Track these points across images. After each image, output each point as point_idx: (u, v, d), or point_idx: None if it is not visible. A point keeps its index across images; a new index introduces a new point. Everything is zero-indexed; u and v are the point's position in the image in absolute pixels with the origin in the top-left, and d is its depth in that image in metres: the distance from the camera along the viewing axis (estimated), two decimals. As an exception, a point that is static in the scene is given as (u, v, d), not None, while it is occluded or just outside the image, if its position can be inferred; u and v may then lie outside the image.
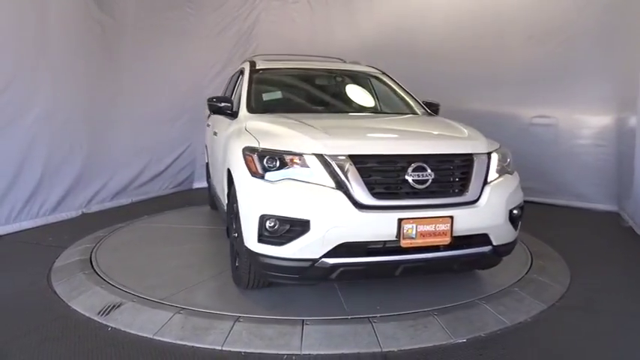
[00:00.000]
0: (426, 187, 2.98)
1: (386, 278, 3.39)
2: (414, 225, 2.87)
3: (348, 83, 4.92)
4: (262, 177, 2.97)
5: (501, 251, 3.26)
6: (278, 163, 2.96)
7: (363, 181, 2.89)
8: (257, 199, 2.98)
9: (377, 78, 4.84)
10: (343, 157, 2.91)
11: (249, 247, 3.03)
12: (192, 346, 2.79)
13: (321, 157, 2.93)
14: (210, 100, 4.18)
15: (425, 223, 2.89)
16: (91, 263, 4.01)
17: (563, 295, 3.51)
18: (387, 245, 2.90)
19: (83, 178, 5.73)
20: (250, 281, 3.34)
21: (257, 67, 4.64)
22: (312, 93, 4.83)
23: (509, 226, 3.22)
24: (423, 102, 4.50)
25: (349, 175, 2.88)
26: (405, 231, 2.86)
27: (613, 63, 5.95)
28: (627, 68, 5.69)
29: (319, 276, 2.96)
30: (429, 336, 2.89)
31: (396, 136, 3.68)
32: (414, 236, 2.87)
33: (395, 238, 2.87)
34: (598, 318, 3.20)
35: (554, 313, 3.26)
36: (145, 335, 2.90)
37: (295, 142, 3.07)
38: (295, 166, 2.94)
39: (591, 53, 6.13)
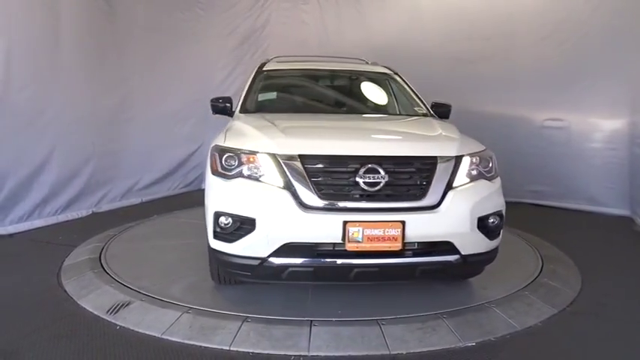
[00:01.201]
0: (379, 190, 2.89)
1: (341, 282, 3.28)
2: (361, 228, 2.80)
3: (350, 84, 4.90)
4: (220, 175, 3.05)
5: (473, 261, 3.09)
6: (236, 162, 3.02)
7: (312, 181, 2.87)
8: (213, 196, 3.06)
9: (385, 79, 4.80)
10: (293, 157, 2.92)
11: (209, 242, 3.11)
12: (200, 346, 2.79)
13: (273, 156, 2.96)
14: (213, 100, 4.27)
15: (373, 227, 2.81)
16: (101, 262, 4.03)
17: (574, 300, 3.47)
18: (334, 248, 2.87)
19: (94, 178, 5.76)
20: (220, 277, 3.42)
21: (263, 69, 4.73)
22: (310, 93, 4.84)
23: (480, 235, 3.02)
24: (433, 103, 4.41)
25: (297, 175, 2.88)
26: (350, 234, 2.80)
27: (626, 65, 5.90)
28: (640, 71, 5.64)
29: (269, 275, 3.01)
30: (438, 339, 2.87)
31: (354, 136, 3.45)
32: (360, 240, 2.80)
33: (340, 241, 2.82)
34: (609, 324, 3.16)
35: (564, 317, 3.22)
36: (153, 334, 2.91)
37: (253, 141, 3.13)
38: (250, 164, 2.99)
39: (604, 55, 6.07)
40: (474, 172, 3.12)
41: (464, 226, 2.95)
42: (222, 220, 2.96)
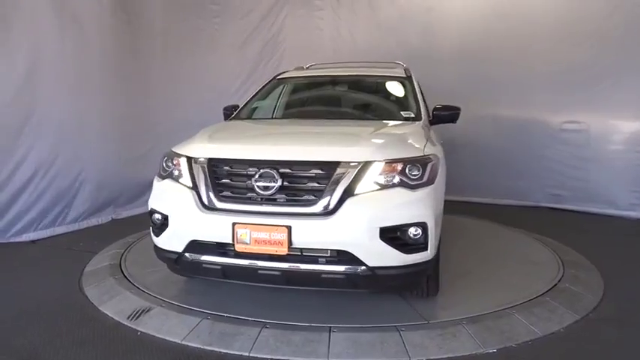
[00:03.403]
0: (272, 194, 2.92)
1: (251, 283, 3.24)
2: (248, 230, 2.87)
3: (351, 90, 4.83)
4: (159, 175, 3.36)
5: (385, 275, 2.87)
6: (171, 165, 3.29)
7: (215, 183, 3.04)
8: (151, 195, 3.36)
9: (389, 82, 4.66)
10: (202, 160, 3.12)
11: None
12: (220, 352, 2.81)
13: (189, 159, 3.18)
14: (225, 108, 4.56)
15: (259, 230, 2.86)
16: (121, 268, 4.08)
17: (597, 306, 3.41)
18: (230, 248, 2.96)
19: (116, 185, 5.84)
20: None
21: (278, 76, 4.83)
22: (303, 100, 4.87)
23: (386, 247, 2.81)
24: (436, 106, 4.25)
25: (204, 177, 3.07)
26: (238, 235, 2.88)
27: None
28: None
29: (189, 269, 3.22)
30: (458, 345, 2.84)
31: (262, 141, 3.51)
32: (247, 242, 2.87)
33: (231, 242, 2.91)
34: (633, 330, 3.10)
35: (588, 324, 3.17)
36: (173, 340, 2.94)
37: (185, 146, 3.38)
38: (178, 167, 3.24)
39: (624, 55, 6.00)
40: (390, 180, 2.91)
41: (360, 235, 2.80)
42: (154, 216, 3.24)
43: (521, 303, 3.33)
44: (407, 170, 2.95)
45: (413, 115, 4.04)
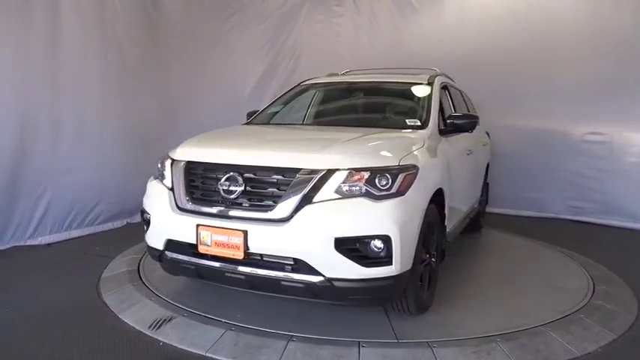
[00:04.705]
0: (235, 198, 2.94)
1: (222, 285, 3.28)
2: (209, 233, 2.92)
3: (367, 97, 4.77)
4: (153, 177, 3.46)
5: (343, 288, 2.75)
6: (163, 166, 3.38)
7: (188, 185, 3.13)
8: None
9: (408, 90, 4.43)
10: (181, 163, 3.22)
11: None
12: (246, 365, 2.71)
13: (173, 161, 3.30)
14: (248, 113, 4.62)
15: (219, 233, 2.90)
16: (139, 274, 4.00)
17: (633, 324, 3.29)
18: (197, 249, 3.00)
19: (130, 189, 5.76)
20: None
21: (301, 82, 4.81)
22: (317, 107, 4.80)
23: (342, 258, 2.70)
24: (460, 114, 4.14)
25: (180, 178, 3.16)
26: (201, 237, 2.94)
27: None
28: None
29: (171, 267, 3.31)
30: (493, 364, 2.73)
31: (234, 145, 3.42)
32: (209, 244, 2.93)
33: (195, 243, 2.97)
34: (675, 351, 2.98)
35: (625, 343, 3.05)
36: (197, 352, 2.84)
37: (175, 149, 3.44)
38: (164, 169, 3.35)
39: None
40: (355, 189, 2.79)
41: (313, 244, 2.72)
42: (144, 214, 3.38)
43: (556, 320, 3.22)
44: (375, 180, 2.81)
45: (419, 124, 3.83)
